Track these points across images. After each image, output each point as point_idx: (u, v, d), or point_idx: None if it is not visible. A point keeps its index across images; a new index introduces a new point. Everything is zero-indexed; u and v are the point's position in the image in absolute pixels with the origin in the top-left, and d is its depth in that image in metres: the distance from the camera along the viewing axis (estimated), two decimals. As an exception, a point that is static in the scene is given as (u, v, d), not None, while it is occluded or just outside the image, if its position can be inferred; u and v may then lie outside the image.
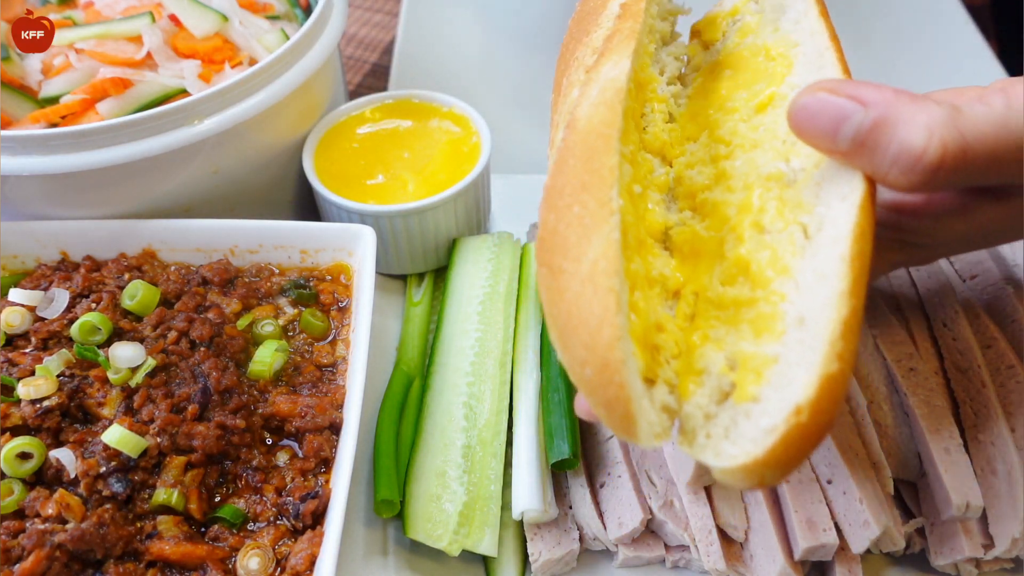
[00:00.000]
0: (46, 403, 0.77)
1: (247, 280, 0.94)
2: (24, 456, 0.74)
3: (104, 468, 0.73)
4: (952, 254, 0.77)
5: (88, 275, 0.90)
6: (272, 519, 0.76)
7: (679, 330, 0.60)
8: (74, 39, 0.98)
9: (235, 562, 0.73)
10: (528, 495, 0.80)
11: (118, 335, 0.84)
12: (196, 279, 0.91)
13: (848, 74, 0.64)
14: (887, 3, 1.55)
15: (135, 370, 0.80)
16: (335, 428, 0.81)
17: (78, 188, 0.90)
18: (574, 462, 0.83)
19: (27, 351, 0.83)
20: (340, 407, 0.82)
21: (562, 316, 0.55)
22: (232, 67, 1.00)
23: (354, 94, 1.39)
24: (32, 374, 0.79)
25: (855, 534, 0.74)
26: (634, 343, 0.54)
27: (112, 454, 0.74)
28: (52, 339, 0.84)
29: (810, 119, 0.57)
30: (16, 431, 0.76)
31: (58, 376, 0.79)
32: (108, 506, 0.72)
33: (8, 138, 0.84)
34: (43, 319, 0.86)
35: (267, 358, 0.84)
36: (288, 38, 1.02)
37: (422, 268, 1.07)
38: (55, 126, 0.95)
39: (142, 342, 0.83)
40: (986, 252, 0.92)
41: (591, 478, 0.84)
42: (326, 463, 0.79)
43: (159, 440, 0.75)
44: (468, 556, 0.83)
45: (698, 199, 0.67)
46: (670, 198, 0.69)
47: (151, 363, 0.80)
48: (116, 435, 0.73)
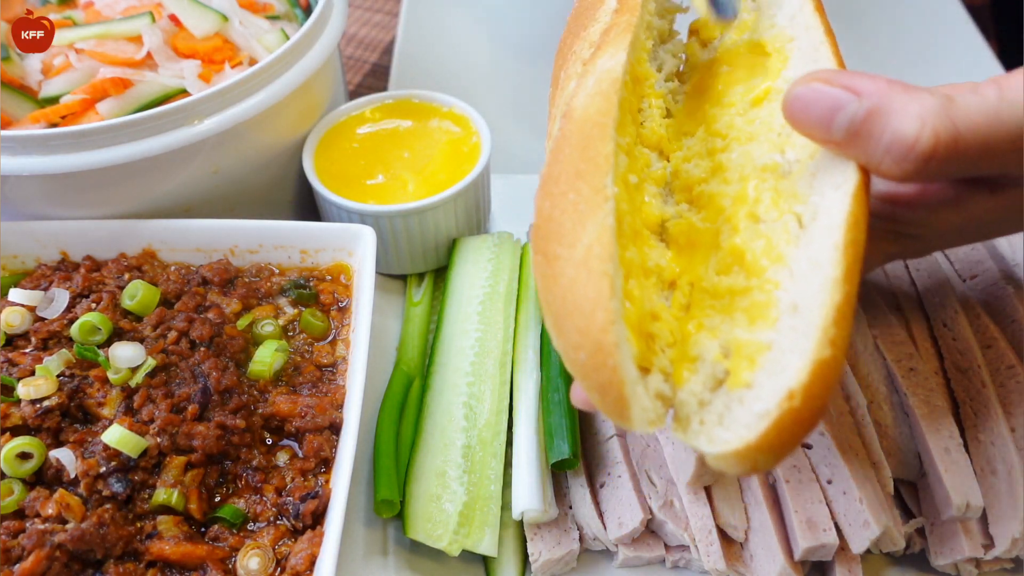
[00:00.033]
0: (46, 403, 0.77)
1: (247, 280, 0.94)
2: (24, 456, 0.74)
3: (104, 468, 0.73)
4: (948, 246, 0.77)
5: (88, 275, 0.90)
6: (272, 519, 0.76)
7: (674, 319, 0.60)
8: (74, 39, 0.98)
9: (235, 562, 0.73)
10: (528, 495, 0.80)
11: (118, 335, 0.84)
12: (196, 279, 0.91)
13: (843, 67, 0.64)
14: (887, 3, 1.55)
15: (135, 370, 0.80)
16: (335, 428, 0.81)
17: (78, 188, 0.90)
18: (574, 462, 0.83)
19: (27, 351, 0.83)
20: (340, 407, 0.82)
21: (557, 302, 0.55)
22: (232, 67, 1.00)
23: (354, 94, 1.39)
24: (32, 374, 0.79)
25: (855, 534, 0.74)
26: (628, 329, 0.54)
27: (112, 454, 0.74)
28: (52, 339, 0.84)
29: (805, 109, 0.57)
30: (16, 431, 0.76)
31: (58, 376, 0.79)
32: (108, 506, 0.72)
33: (8, 138, 0.84)
34: (43, 319, 0.86)
35: (267, 358, 0.84)
36: (288, 38, 1.02)
37: (422, 268, 1.07)
38: (55, 126, 0.95)
39: (142, 342, 0.83)
40: (986, 252, 0.92)
41: (591, 478, 0.84)
42: (326, 463, 0.79)
43: (159, 440, 0.75)
44: (468, 556, 0.83)
45: (694, 192, 0.68)
46: (667, 192, 0.69)
47: (151, 363, 0.80)
48: (116, 435, 0.73)
